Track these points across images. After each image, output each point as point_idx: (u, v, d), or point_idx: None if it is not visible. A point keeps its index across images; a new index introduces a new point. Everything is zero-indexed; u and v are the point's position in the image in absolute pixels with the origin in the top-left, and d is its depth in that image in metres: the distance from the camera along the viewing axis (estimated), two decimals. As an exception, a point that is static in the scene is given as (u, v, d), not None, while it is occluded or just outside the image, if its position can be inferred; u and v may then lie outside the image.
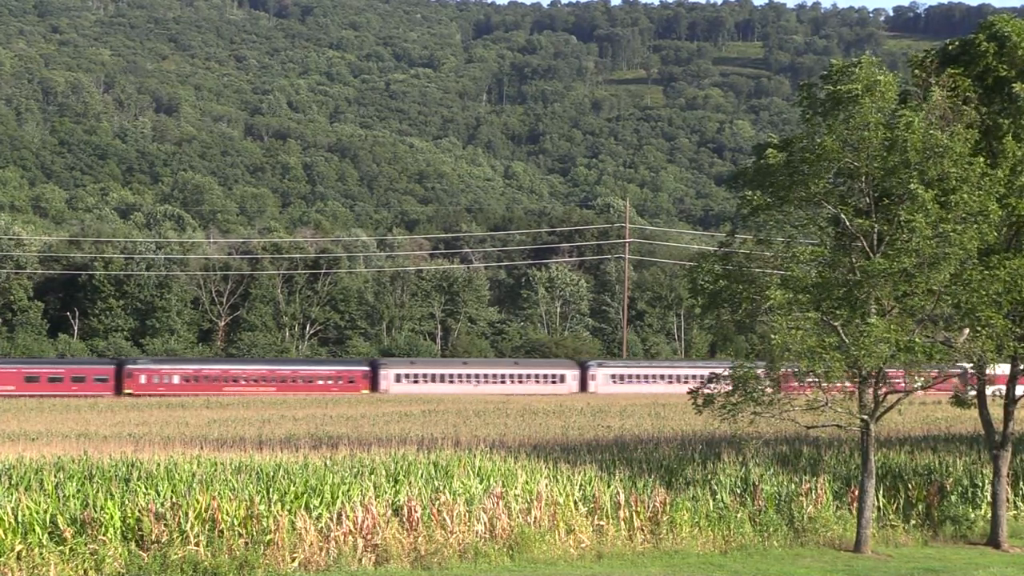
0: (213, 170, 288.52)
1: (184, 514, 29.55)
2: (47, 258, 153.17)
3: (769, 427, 39.85)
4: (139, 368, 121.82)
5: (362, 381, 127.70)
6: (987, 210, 33.69)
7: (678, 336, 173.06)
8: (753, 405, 35.11)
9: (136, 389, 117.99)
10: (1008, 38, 36.41)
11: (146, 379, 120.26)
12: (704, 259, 37.14)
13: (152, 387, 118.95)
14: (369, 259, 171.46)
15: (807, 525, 36.22)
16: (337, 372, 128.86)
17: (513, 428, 63.16)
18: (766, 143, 37.47)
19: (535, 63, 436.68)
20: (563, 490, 34.33)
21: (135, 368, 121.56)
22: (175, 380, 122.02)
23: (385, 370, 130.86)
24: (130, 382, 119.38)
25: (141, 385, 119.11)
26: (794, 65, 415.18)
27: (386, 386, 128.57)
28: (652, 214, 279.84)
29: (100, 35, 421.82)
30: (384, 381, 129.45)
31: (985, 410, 38.34)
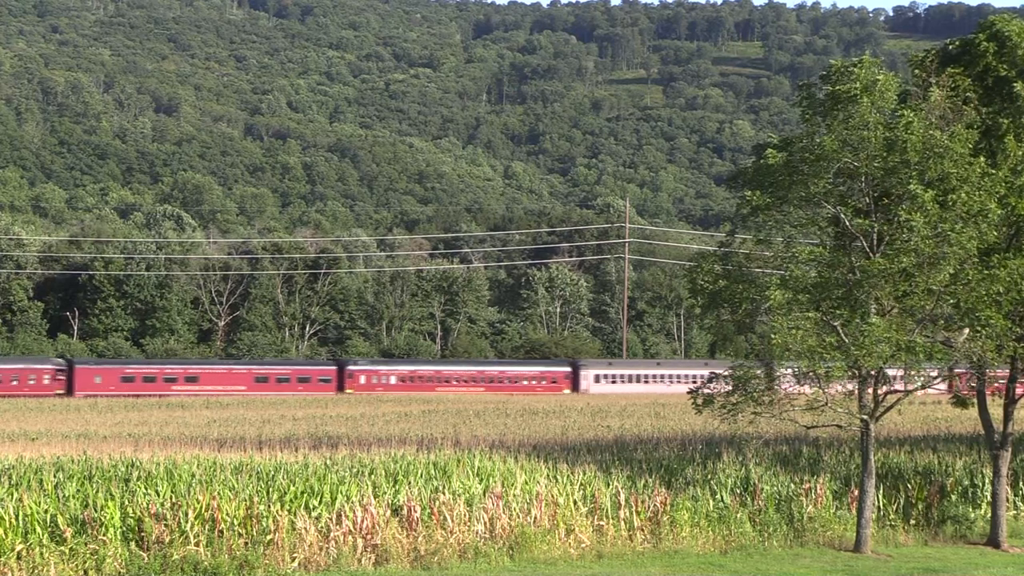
0: (213, 170, 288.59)
1: (184, 514, 29.55)
2: (47, 258, 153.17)
3: (769, 427, 39.87)
4: (359, 369, 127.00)
5: (564, 381, 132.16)
6: (987, 210, 33.68)
7: (678, 336, 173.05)
8: (753, 405, 35.11)
9: (356, 389, 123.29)
10: (1008, 38, 36.41)
11: (365, 379, 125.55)
12: (704, 259, 37.13)
13: (371, 387, 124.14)
14: (369, 259, 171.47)
15: (807, 525, 36.22)
16: (541, 373, 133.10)
17: (513, 428, 63.17)
18: (766, 143, 37.47)
19: (535, 63, 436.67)
20: (563, 490, 34.32)
21: (356, 369, 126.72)
22: (392, 380, 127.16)
23: (585, 371, 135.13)
24: (351, 382, 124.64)
25: (361, 385, 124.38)
26: (794, 65, 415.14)
27: (586, 386, 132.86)
28: (652, 214, 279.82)
29: (100, 35, 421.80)
30: (584, 381, 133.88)
31: (985, 410, 38.34)
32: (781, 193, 35.30)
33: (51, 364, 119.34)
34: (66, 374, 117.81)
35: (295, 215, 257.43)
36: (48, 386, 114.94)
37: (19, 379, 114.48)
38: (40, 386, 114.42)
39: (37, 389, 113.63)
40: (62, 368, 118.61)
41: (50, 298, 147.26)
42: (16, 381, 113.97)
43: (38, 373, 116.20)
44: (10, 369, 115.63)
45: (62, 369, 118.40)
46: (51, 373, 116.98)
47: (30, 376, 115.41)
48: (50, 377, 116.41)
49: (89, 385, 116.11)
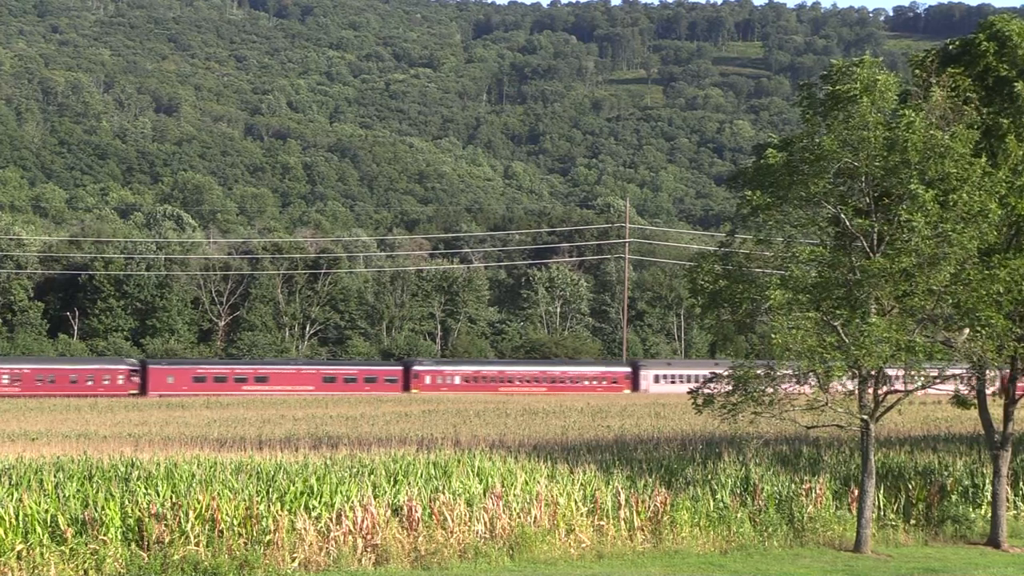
0: (213, 170, 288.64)
1: (184, 514, 29.55)
2: (47, 258, 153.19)
3: (769, 427, 39.86)
4: (425, 369, 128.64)
5: (624, 381, 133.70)
6: (987, 210, 33.68)
7: (678, 336, 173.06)
8: (753, 405, 35.11)
9: (422, 388, 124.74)
10: (1009, 38, 36.40)
11: (431, 379, 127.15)
12: (704, 259, 37.11)
13: (436, 387, 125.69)
14: (369, 259, 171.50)
15: (807, 525, 36.21)
16: (602, 373, 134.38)
17: (513, 428, 63.17)
18: (766, 143, 37.46)
19: (535, 63, 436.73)
20: (563, 490, 34.32)
21: (421, 369, 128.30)
22: (456, 380, 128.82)
23: (645, 371, 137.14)
24: (416, 382, 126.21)
25: (426, 385, 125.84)
26: (794, 65, 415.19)
27: (646, 386, 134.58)
28: (652, 214, 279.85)
29: (100, 35, 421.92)
30: (644, 381, 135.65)
31: (985, 410, 38.34)
32: (781, 193, 35.29)
33: (125, 365, 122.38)
34: (140, 375, 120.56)
35: (295, 215, 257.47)
36: (122, 386, 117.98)
37: (94, 379, 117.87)
38: (114, 386, 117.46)
39: (111, 389, 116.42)
40: (136, 369, 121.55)
41: (50, 298, 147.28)
42: (91, 381, 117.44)
43: (112, 374, 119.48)
44: (86, 369, 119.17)
45: (135, 370, 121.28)
46: (125, 374, 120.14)
47: (105, 376, 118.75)
48: (124, 377, 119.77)
49: (162, 385, 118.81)
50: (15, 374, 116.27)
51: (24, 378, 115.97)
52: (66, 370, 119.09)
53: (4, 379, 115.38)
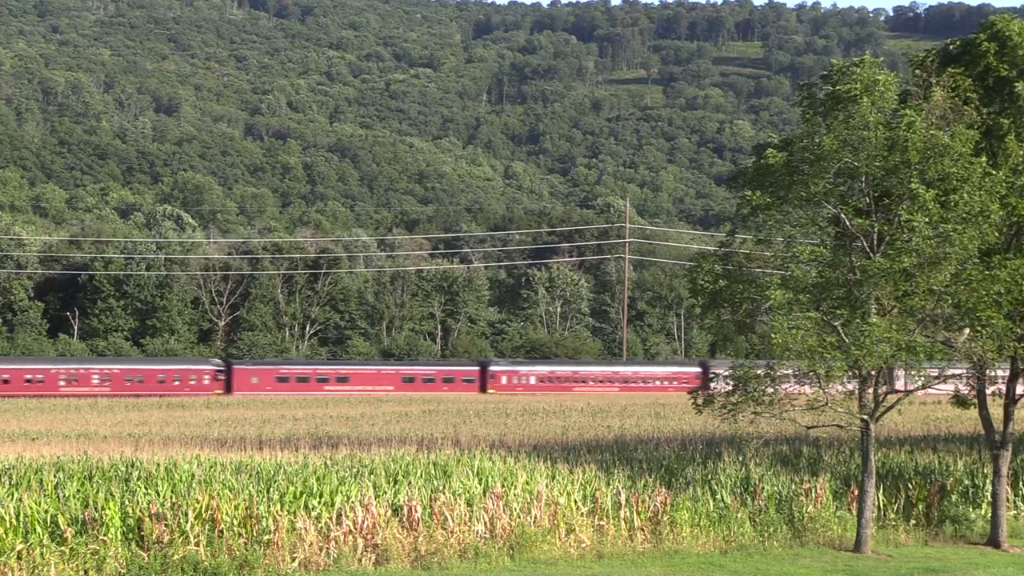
0: (213, 170, 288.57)
1: (184, 514, 29.54)
2: (47, 258, 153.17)
3: (769, 427, 39.86)
4: (501, 370, 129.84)
5: (694, 380, 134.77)
6: (988, 210, 33.68)
7: (678, 336, 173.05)
8: (753, 405, 35.12)
9: (498, 389, 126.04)
10: (1009, 38, 36.39)
11: (507, 380, 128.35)
12: (704, 259, 37.12)
13: (512, 387, 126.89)
14: (369, 259, 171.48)
15: (807, 525, 36.21)
16: (673, 373, 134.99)
17: (513, 428, 63.18)
18: (766, 143, 37.47)
19: (535, 63, 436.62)
20: (563, 490, 34.31)
21: (497, 370, 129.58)
22: (531, 381, 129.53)
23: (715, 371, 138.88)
24: (493, 382, 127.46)
25: (502, 385, 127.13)
26: (794, 65, 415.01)
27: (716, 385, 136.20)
28: (652, 214, 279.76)
29: (100, 35, 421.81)
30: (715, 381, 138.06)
31: (985, 410, 38.33)
32: (781, 193, 35.30)
33: (211, 365, 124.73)
34: (225, 375, 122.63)
35: (295, 215, 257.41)
36: (208, 386, 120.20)
37: (181, 379, 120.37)
38: (200, 386, 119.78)
39: (198, 389, 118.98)
40: (221, 369, 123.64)
41: (50, 298, 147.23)
42: (178, 381, 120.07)
43: (199, 374, 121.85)
44: (173, 370, 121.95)
45: (221, 370, 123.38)
46: (211, 374, 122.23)
47: (191, 377, 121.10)
48: (210, 377, 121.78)
49: (246, 385, 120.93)
50: (105, 374, 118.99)
51: (114, 378, 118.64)
52: (154, 370, 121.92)
53: (95, 379, 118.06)
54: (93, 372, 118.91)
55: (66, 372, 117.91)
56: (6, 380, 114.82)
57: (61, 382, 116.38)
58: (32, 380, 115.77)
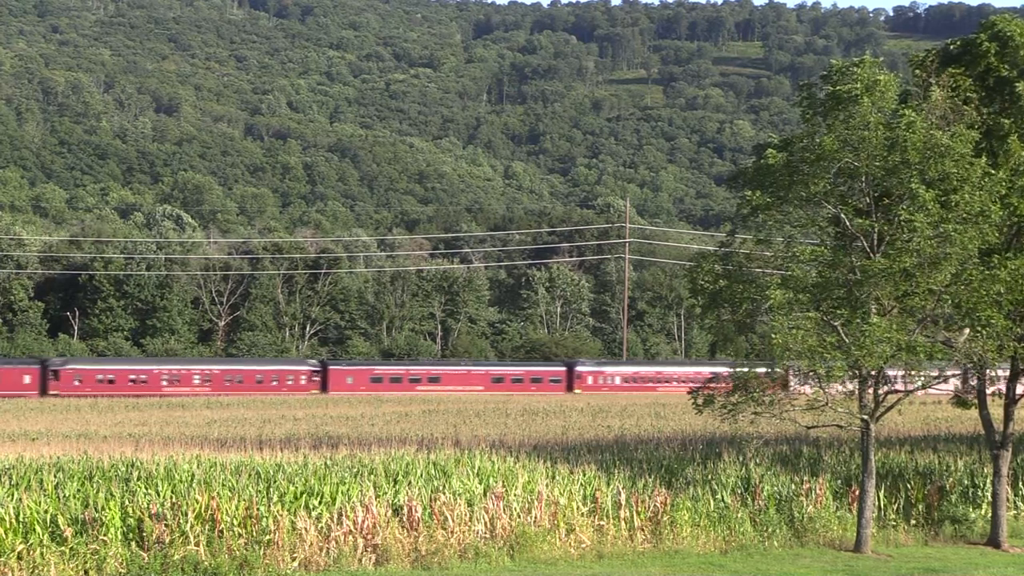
0: (213, 170, 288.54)
1: (184, 514, 29.54)
2: (47, 258, 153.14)
3: (769, 427, 39.87)
4: (587, 370, 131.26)
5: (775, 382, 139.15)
6: (988, 210, 33.68)
7: (678, 336, 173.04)
8: (753, 405, 35.12)
9: (584, 389, 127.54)
10: (1010, 38, 36.35)
11: (592, 380, 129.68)
12: (704, 259, 37.11)
13: (598, 387, 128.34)
14: (369, 259, 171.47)
15: (807, 525, 36.21)
16: None
17: (513, 428, 63.18)
18: (766, 143, 37.47)
19: (535, 63, 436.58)
20: (564, 490, 34.30)
21: (584, 370, 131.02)
22: (616, 381, 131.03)
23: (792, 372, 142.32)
24: (579, 383, 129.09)
25: (588, 385, 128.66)
26: (794, 65, 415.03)
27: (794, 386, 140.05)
28: (652, 214, 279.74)
29: (100, 35, 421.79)
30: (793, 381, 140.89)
31: (985, 410, 38.32)
32: (781, 193, 35.30)
33: (307, 366, 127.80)
34: (320, 375, 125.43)
35: (295, 215, 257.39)
36: (304, 386, 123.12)
37: (279, 379, 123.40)
38: (297, 386, 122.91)
39: (295, 388, 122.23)
40: (317, 370, 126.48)
41: (50, 298, 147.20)
42: (276, 381, 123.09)
43: (295, 374, 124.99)
44: (271, 370, 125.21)
45: (317, 370, 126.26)
46: (307, 374, 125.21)
47: (288, 377, 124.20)
48: (306, 378, 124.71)
49: (341, 385, 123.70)
50: (206, 375, 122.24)
51: (214, 378, 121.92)
52: (253, 371, 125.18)
53: (195, 379, 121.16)
54: (195, 373, 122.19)
55: (168, 373, 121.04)
56: (111, 380, 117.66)
57: (164, 382, 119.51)
58: (136, 380, 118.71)
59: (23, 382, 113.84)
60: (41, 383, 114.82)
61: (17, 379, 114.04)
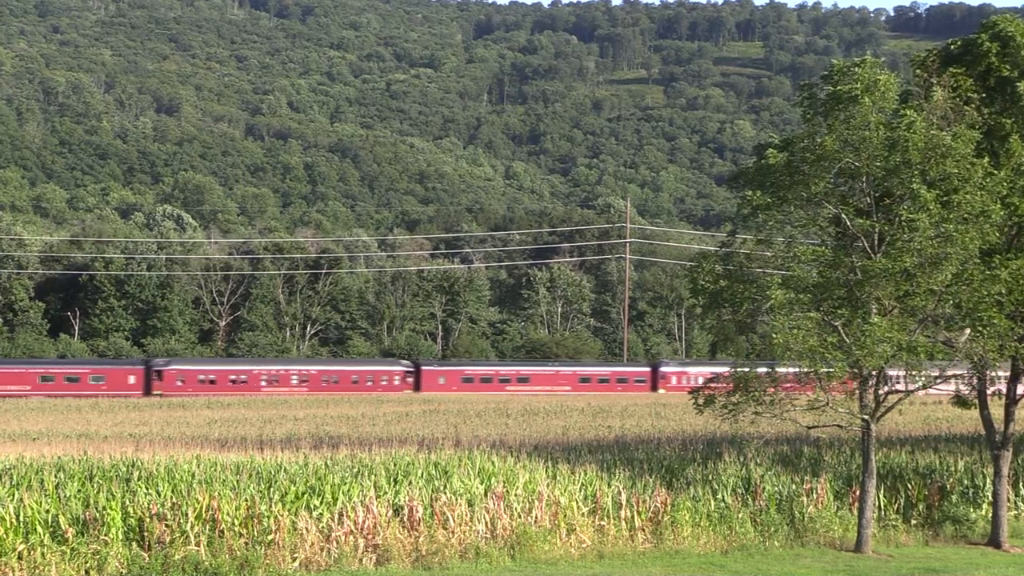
0: (214, 170, 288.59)
1: (185, 514, 29.54)
2: (48, 258, 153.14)
3: (770, 427, 39.89)
4: (671, 371, 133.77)
5: None
6: (989, 210, 33.67)
7: (679, 336, 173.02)
8: (754, 405, 35.12)
9: (668, 388, 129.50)
10: (1012, 38, 36.34)
11: (676, 380, 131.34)
12: (705, 259, 37.11)
13: (681, 387, 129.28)
14: (370, 259, 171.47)
15: (808, 525, 36.20)
16: None
17: (513, 428, 63.21)
18: (767, 143, 37.48)
19: (536, 63, 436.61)
20: (564, 490, 34.30)
21: (668, 371, 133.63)
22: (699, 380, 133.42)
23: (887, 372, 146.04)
24: (663, 382, 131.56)
25: (672, 385, 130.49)
26: (795, 65, 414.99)
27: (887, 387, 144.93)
28: (653, 214, 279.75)
29: (101, 35, 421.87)
30: None
31: (986, 410, 38.32)
32: (782, 193, 35.30)
33: (400, 367, 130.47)
34: (414, 375, 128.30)
35: (296, 215, 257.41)
36: (398, 386, 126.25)
37: (373, 380, 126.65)
38: (391, 386, 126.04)
39: (388, 388, 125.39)
40: (410, 370, 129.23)
41: (51, 298, 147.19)
42: (371, 382, 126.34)
43: (390, 375, 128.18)
44: (366, 371, 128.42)
45: (410, 371, 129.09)
46: (401, 375, 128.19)
47: (383, 377, 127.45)
48: (400, 378, 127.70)
49: (434, 385, 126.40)
50: (303, 375, 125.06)
51: (311, 379, 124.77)
52: (349, 371, 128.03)
53: (293, 379, 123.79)
54: (292, 373, 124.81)
55: (267, 373, 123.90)
56: (212, 380, 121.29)
57: (263, 382, 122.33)
58: (236, 380, 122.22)
59: (128, 382, 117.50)
60: (145, 383, 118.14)
61: (123, 379, 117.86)
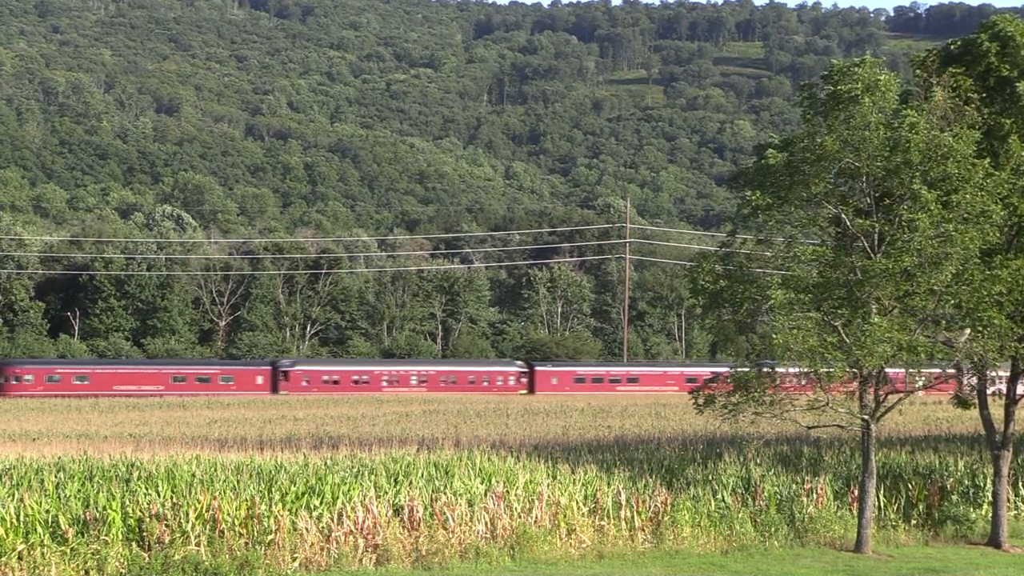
0: (214, 170, 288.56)
1: (185, 514, 29.54)
2: (48, 258, 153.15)
3: (770, 427, 39.90)
4: None
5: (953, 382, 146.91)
6: (989, 210, 33.68)
7: (679, 336, 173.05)
8: (754, 405, 35.12)
9: None
10: (1011, 38, 36.35)
11: None
12: (705, 259, 37.11)
13: None
14: (370, 259, 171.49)
15: (808, 525, 36.20)
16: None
17: (513, 428, 63.20)
18: (767, 143, 37.48)
19: (536, 63, 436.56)
20: (564, 490, 34.30)
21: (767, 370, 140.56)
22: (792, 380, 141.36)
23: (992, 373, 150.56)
24: None
25: None
26: (795, 65, 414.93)
27: None
28: (653, 214, 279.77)
29: (101, 35, 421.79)
30: None
31: (986, 410, 38.32)
32: (782, 193, 35.30)
33: (515, 367, 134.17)
34: (528, 376, 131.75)
35: (296, 215, 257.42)
36: (512, 386, 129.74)
37: (489, 380, 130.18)
38: (507, 386, 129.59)
39: (504, 389, 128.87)
40: (524, 371, 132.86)
41: (51, 298, 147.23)
42: (487, 382, 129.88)
43: (504, 375, 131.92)
44: (483, 371, 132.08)
45: (524, 372, 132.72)
46: (516, 375, 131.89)
47: (499, 378, 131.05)
48: (515, 379, 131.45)
49: (547, 386, 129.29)
50: (423, 376, 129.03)
51: (430, 379, 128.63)
52: (466, 372, 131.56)
53: (413, 380, 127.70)
54: (412, 374, 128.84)
55: (388, 374, 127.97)
56: (336, 381, 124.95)
57: (384, 383, 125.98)
58: (359, 381, 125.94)
59: (256, 382, 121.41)
60: (272, 383, 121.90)
61: (251, 380, 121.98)
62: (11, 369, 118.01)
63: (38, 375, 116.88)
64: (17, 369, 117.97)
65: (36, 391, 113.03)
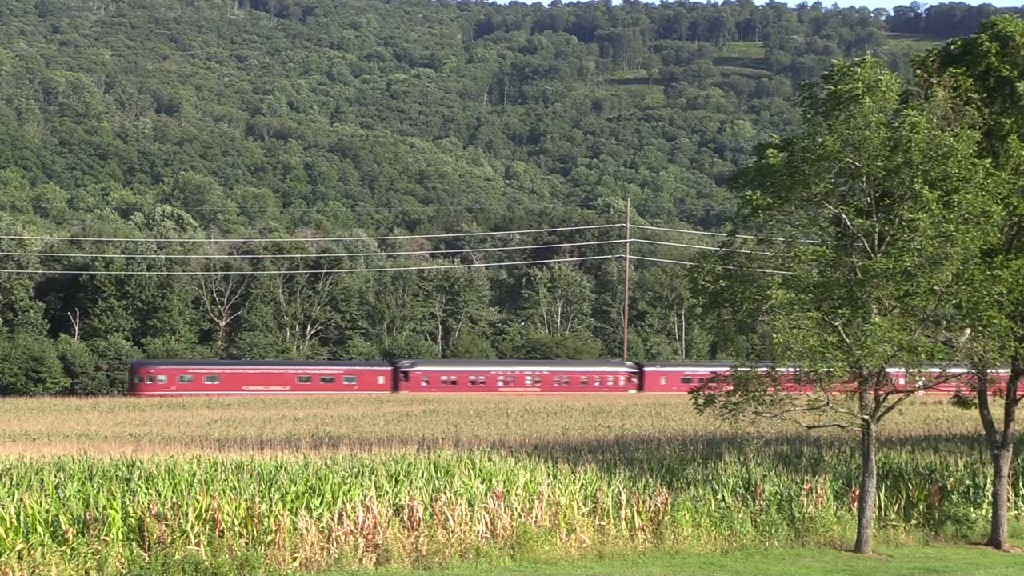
0: (214, 170, 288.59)
1: (185, 514, 29.53)
2: (48, 258, 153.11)
3: (770, 427, 39.87)
4: None
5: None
6: (990, 211, 33.67)
7: (679, 336, 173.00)
8: (754, 405, 35.11)
9: None
10: (1011, 38, 36.34)
11: None
12: (705, 259, 37.12)
13: None
14: (370, 259, 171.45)
15: (808, 525, 36.20)
16: None
17: (514, 428, 63.20)
18: (767, 143, 37.46)
19: (536, 63, 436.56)
20: (564, 490, 34.29)
21: None
22: None
23: None
24: None
25: None
26: (795, 65, 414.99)
27: None
28: (653, 214, 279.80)
29: (101, 35, 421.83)
30: None
31: (986, 410, 38.32)
32: (782, 193, 35.30)
33: (625, 368, 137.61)
34: (638, 376, 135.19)
35: (296, 215, 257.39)
36: (623, 387, 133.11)
37: (600, 380, 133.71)
38: (617, 387, 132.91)
39: (614, 389, 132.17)
40: (634, 371, 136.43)
41: (51, 298, 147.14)
42: (598, 382, 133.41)
43: (615, 376, 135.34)
44: (594, 372, 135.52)
45: (634, 372, 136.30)
46: (626, 375, 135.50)
47: (609, 378, 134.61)
48: (625, 379, 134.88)
49: (655, 386, 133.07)
50: (537, 376, 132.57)
51: (544, 379, 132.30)
52: (579, 372, 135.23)
53: (527, 380, 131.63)
54: (527, 374, 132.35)
55: (504, 374, 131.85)
56: (454, 381, 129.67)
57: (500, 383, 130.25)
58: (476, 381, 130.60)
59: (377, 382, 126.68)
60: (393, 383, 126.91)
61: (373, 380, 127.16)
62: (145, 370, 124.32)
63: (171, 375, 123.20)
64: (152, 370, 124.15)
65: (169, 390, 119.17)
